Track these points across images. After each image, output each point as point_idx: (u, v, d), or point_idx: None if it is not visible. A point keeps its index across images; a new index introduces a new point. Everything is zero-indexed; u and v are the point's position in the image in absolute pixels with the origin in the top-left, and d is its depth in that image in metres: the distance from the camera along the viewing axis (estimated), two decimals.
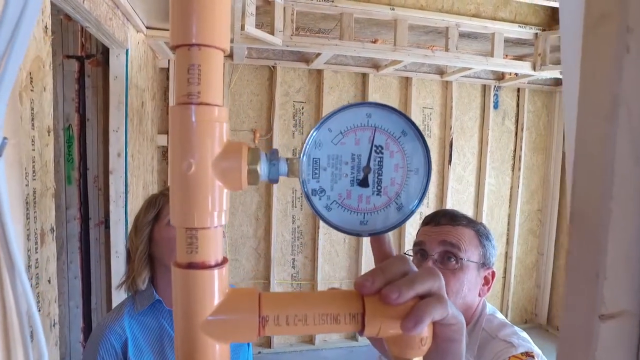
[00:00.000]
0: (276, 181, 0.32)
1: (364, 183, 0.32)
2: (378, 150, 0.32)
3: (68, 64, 2.48)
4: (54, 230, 1.26)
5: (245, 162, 0.30)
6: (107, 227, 2.59)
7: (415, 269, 0.34)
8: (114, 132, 1.91)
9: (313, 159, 0.32)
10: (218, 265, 0.31)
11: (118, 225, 1.99)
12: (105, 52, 2.40)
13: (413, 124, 0.32)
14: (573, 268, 0.39)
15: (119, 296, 2.05)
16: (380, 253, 0.36)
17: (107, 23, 1.61)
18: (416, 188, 0.33)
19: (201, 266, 0.30)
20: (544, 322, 3.74)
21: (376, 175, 0.32)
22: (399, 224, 0.33)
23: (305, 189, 0.32)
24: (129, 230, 1.98)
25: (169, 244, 0.98)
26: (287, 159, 0.31)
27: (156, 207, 1.02)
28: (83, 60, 2.54)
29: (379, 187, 0.33)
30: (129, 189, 2.00)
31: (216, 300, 0.31)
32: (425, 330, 0.34)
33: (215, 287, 0.31)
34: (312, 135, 0.31)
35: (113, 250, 2.02)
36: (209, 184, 0.30)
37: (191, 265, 0.30)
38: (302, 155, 0.31)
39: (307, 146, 0.31)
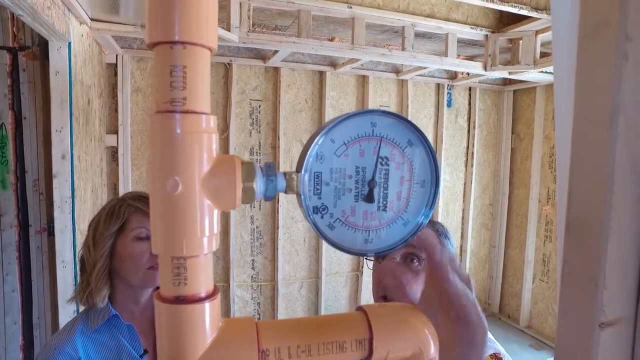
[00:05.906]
0: (272, 199, 0.28)
1: (369, 198, 0.29)
2: (383, 162, 0.29)
3: None
4: None
5: (240, 178, 0.26)
6: (51, 234, 2.39)
7: None
8: (57, 132, 1.75)
9: (314, 173, 0.28)
10: (210, 297, 0.27)
11: (64, 232, 1.83)
12: (43, 44, 2.20)
13: (420, 132, 0.30)
14: (570, 277, 0.39)
15: (65, 309, 1.89)
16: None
17: (45, 12, 1.47)
18: (423, 201, 0.31)
19: (191, 300, 0.26)
20: (496, 311, 3.94)
21: (382, 189, 0.30)
22: (406, 241, 0.31)
23: (307, 208, 0.28)
24: (77, 237, 1.85)
25: (134, 261, 0.88)
26: (285, 174, 0.28)
27: (121, 217, 0.90)
28: (16, 52, 2.32)
29: (384, 202, 0.30)
30: (76, 194, 1.85)
31: (209, 337, 0.27)
32: (432, 352, 0.32)
33: (207, 322, 0.27)
34: (314, 147, 0.28)
35: (59, 259, 1.86)
36: (198, 205, 0.26)
37: (179, 300, 0.26)
38: (302, 170, 0.28)
39: (309, 159, 0.28)
